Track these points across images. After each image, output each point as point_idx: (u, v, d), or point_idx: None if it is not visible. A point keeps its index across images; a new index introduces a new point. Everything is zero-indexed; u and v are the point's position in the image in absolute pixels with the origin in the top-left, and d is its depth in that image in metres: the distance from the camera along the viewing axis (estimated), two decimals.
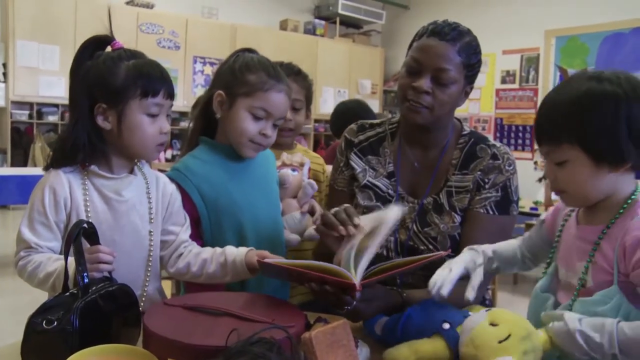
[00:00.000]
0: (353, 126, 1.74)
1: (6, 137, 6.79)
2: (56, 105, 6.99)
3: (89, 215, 1.26)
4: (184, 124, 7.30)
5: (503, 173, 1.52)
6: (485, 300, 1.67)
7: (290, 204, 1.62)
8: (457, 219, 1.51)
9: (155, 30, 7.11)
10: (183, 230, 1.41)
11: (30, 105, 6.91)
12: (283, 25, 8.50)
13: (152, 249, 1.35)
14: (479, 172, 1.53)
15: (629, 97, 1.01)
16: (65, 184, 1.26)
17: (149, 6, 7.23)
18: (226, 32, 7.58)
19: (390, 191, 1.61)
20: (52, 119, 7.05)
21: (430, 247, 1.52)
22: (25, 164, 6.82)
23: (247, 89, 1.46)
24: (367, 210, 1.60)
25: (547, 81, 7.47)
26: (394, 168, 1.63)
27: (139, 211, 1.33)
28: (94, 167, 1.28)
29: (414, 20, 9.09)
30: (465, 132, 1.61)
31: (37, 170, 5.83)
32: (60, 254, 1.25)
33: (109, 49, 1.35)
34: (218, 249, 1.37)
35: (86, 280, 1.05)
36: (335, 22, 8.99)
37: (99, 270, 1.12)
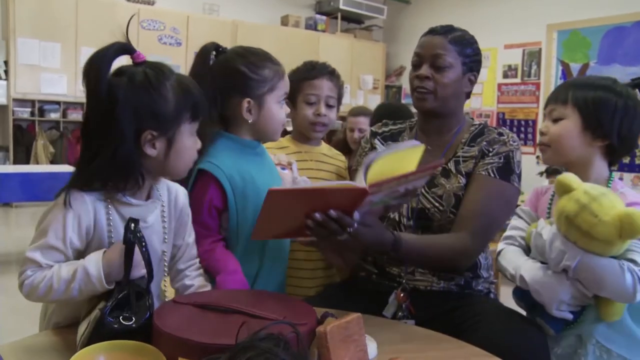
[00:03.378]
0: (379, 124, 1.93)
1: (8, 135, 6.79)
2: (58, 103, 6.99)
3: (112, 241, 1.19)
4: None
5: (507, 145, 1.66)
6: (490, 293, 1.69)
7: None
8: (463, 180, 1.64)
9: (156, 26, 7.10)
10: (191, 244, 1.40)
11: (32, 102, 6.91)
12: (284, 21, 8.48)
13: (165, 268, 1.33)
14: (484, 143, 1.68)
15: (628, 105, 1.35)
16: (91, 211, 1.17)
17: (150, 3, 7.22)
18: (227, 28, 7.57)
19: None
20: (53, 116, 7.05)
21: (436, 204, 1.64)
22: (27, 162, 6.82)
23: (269, 84, 1.52)
24: None
25: (549, 75, 7.45)
26: None
27: (157, 233, 1.29)
28: (120, 196, 1.20)
29: (415, 15, 9.07)
30: (475, 123, 1.78)
31: (39, 168, 5.84)
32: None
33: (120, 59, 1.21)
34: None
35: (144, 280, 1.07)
36: (336, 18, 8.96)
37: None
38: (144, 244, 1.08)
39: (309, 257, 1.87)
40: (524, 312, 1.47)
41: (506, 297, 1.75)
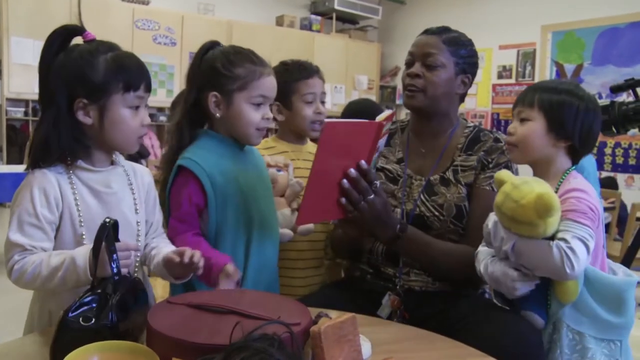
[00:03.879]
0: None
1: (1, 135, 6.76)
2: None
3: (80, 211, 1.25)
4: None
5: (505, 154, 1.66)
6: (484, 293, 1.70)
7: (279, 202, 1.69)
8: (463, 190, 1.64)
9: (151, 26, 7.09)
10: (155, 218, 1.45)
11: (25, 102, 6.88)
12: (279, 21, 8.48)
13: (139, 239, 1.36)
14: (482, 153, 1.68)
15: (588, 108, 1.45)
16: (54, 183, 1.24)
17: (145, 2, 7.21)
18: (222, 28, 7.56)
19: (399, 172, 1.76)
20: None
21: (437, 213, 1.64)
22: (21, 162, 6.79)
23: (241, 82, 1.50)
24: None
25: (544, 76, 7.47)
26: (403, 155, 1.79)
27: (127, 202, 1.34)
28: (80, 162, 1.27)
29: (410, 16, 9.08)
30: (469, 125, 1.78)
31: None
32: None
33: (77, 40, 1.31)
34: (161, 247, 1.39)
35: (116, 277, 1.06)
36: (331, 18, 8.97)
37: (127, 266, 1.14)
38: (113, 248, 1.09)
39: (300, 257, 1.87)
40: None
41: None
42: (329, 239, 1.91)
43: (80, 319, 0.99)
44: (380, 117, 1.41)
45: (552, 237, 1.33)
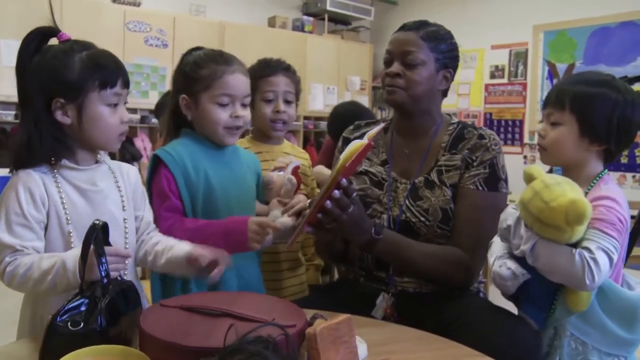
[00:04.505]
0: (350, 127, 1.87)
1: None
2: None
3: (67, 209, 1.25)
4: None
5: (489, 151, 1.61)
6: (479, 292, 1.69)
7: (273, 203, 1.68)
8: (448, 192, 1.60)
9: (142, 28, 7.04)
10: (146, 214, 1.44)
11: (15, 105, 6.82)
12: (271, 22, 8.45)
13: (127, 236, 1.35)
14: (466, 151, 1.63)
15: (627, 102, 1.35)
16: (39, 182, 1.23)
17: (136, 4, 7.17)
18: (214, 29, 7.52)
19: (383, 175, 1.71)
20: None
21: (422, 219, 1.60)
22: None
23: (204, 83, 1.53)
24: (361, 192, 1.69)
25: (536, 76, 7.48)
26: (387, 156, 1.73)
27: (113, 200, 1.34)
28: (64, 161, 1.27)
29: (402, 17, 9.07)
30: (453, 122, 1.72)
31: None
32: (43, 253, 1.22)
33: (53, 41, 1.32)
34: (170, 243, 1.38)
35: (104, 280, 1.05)
36: (323, 19, 8.94)
37: (118, 270, 1.13)
38: (101, 251, 1.07)
39: (274, 259, 1.85)
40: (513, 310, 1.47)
41: (494, 296, 1.74)
42: (305, 242, 1.90)
43: (69, 323, 0.98)
44: (370, 134, 1.37)
45: (575, 244, 1.27)
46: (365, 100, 8.70)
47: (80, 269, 1.08)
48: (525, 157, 7.54)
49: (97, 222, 1.07)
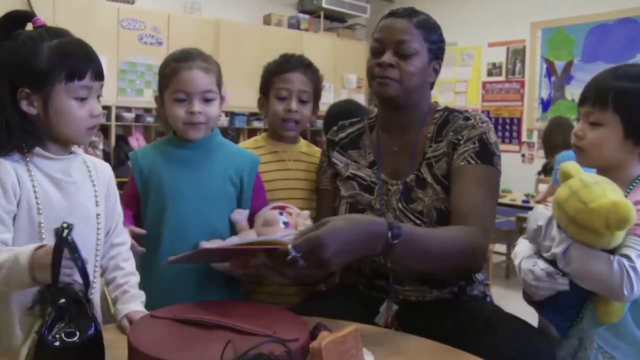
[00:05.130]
0: (334, 127, 1.76)
1: None
2: None
3: (39, 200, 1.19)
4: None
5: (476, 128, 1.50)
6: (486, 297, 1.62)
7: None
8: (440, 190, 1.49)
9: (136, 26, 6.96)
10: (117, 215, 1.40)
11: None
12: (267, 20, 8.37)
13: (99, 232, 1.30)
14: (451, 133, 1.52)
15: None
16: (11, 171, 1.18)
17: (130, 2, 7.08)
18: (209, 27, 7.44)
19: (372, 179, 1.60)
20: None
21: (418, 222, 1.49)
22: None
23: (165, 81, 1.57)
24: (352, 199, 1.60)
25: (534, 73, 7.43)
26: (375, 157, 1.63)
27: (87, 194, 1.29)
28: (38, 150, 1.21)
29: None
30: (439, 108, 1.61)
31: None
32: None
33: (29, 27, 1.25)
34: (123, 281, 1.37)
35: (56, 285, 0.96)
36: (319, 17, 8.87)
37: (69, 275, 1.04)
38: (76, 252, 0.98)
39: None
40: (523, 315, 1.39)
41: (496, 298, 1.67)
42: None
43: (63, 334, 0.88)
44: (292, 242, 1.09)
45: (612, 250, 1.18)
46: (361, 99, 8.64)
47: (54, 272, 0.98)
48: (523, 155, 7.49)
49: (65, 224, 0.99)
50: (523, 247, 1.36)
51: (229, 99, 7.58)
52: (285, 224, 1.53)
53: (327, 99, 8.49)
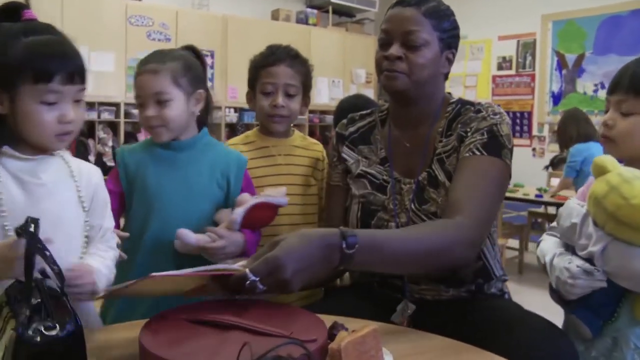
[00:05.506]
0: (344, 121, 1.67)
1: None
2: None
3: (3, 199, 1.12)
4: None
5: (487, 119, 1.42)
6: (504, 294, 1.57)
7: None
8: None
9: (144, 22, 6.94)
10: (105, 223, 1.30)
11: None
12: (275, 15, 8.34)
13: (75, 241, 1.21)
14: (459, 126, 1.45)
15: None
16: None
17: None
18: (217, 23, 7.42)
19: (384, 177, 1.53)
20: None
21: None
22: None
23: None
24: (363, 199, 1.54)
25: (545, 66, 7.35)
26: (387, 153, 1.55)
27: (62, 196, 1.19)
28: (6, 148, 1.14)
29: None
30: (452, 101, 1.53)
31: None
32: None
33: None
34: None
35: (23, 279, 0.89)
36: (327, 11, 8.83)
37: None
38: (39, 245, 0.91)
39: None
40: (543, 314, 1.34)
41: (511, 294, 1.62)
42: None
43: (42, 328, 0.82)
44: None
45: None
46: (371, 93, 8.60)
47: (27, 268, 0.90)
48: (534, 149, 7.42)
49: (30, 219, 0.91)
50: (550, 243, 1.31)
51: (238, 95, 7.54)
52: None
53: (337, 95, 8.45)
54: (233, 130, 7.78)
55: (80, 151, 7.05)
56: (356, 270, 1.26)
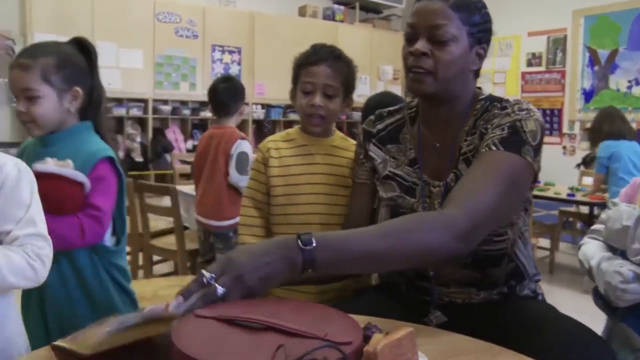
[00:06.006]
0: (371, 117, 1.62)
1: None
2: None
3: None
4: (204, 114, 7.17)
5: (510, 115, 1.34)
6: (538, 295, 1.52)
7: None
8: None
9: (172, 19, 6.98)
10: (17, 230, 1.16)
11: None
12: (302, 12, 8.33)
13: None
14: (482, 122, 1.38)
15: None
16: None
17: None
18: (244, 19, 7.43)
19: (414, 179, 1.47)
20: None
21: None
22: None
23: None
24: (392, 202, 1.48)
25: (576, 63, 7.21)
26: (416, 154, 1.49)
27: None
28: None
29: None
30: (481, 97, 1.45)
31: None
32: None
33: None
34: None
35: None
36: (354, 7, 8.79)
37: None
38: None
39: None
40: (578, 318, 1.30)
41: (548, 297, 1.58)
42: None
43: None
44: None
45: None
46: (398, 90, 8.54)
47: None
48: (564, 147, 7.29)
49: None
50: (593, 247, 1.27)
51: (265, 91, 7.53)
52: None
53: (363, 91, 8.41)
54: (260, 126, 7.79)
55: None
56: (324, 273, 1.15)
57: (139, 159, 6.88)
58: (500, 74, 8.07)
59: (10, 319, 1.23)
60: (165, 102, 7.01)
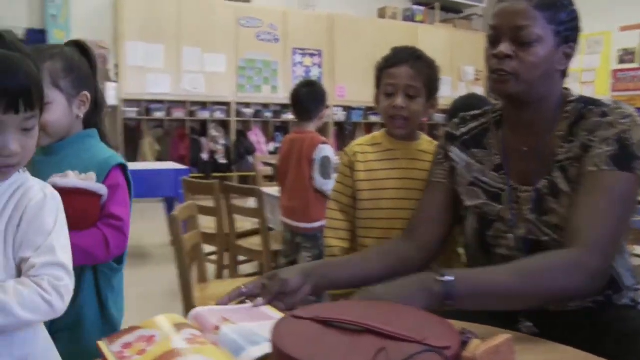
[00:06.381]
0: (455, 120, 1.58)
1: (119, 134, 7.09)
2: (162, 102, 7.22)
3: None
4: (286, 117, 7.29)
5: (615, 126, 1.27)
6: (637, 305, 1.45)
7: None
8: None
9: (254, 24, 7.15)
10: (36, 258, 1.05)
11: (138, 102, 7.17)
12: (381, 13, 8.32)
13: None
14: (584, 133, 1.30)
15: None
16: None
17: (248, 0, 7.29)
18: (324, 22, 7.51)
19: (500, 185, 1.42)
20: (158, 115, 7.29)
21: (555, 236, 1.30)
22: (135, 159, 7.09)
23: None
24: (478, 210, 1.44)
25: None
26: (501, 159, 1.45)
27: None
28: None
29: None
30: (571, 99, 1.38)
31: (146, 165, 6.00)
32: None
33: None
34: None
35: None
36: (434, 8, 8.70)
37: None
38: None
39: None
40: None
41: None
42: None
43: None
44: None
45: None
46: (480, 91, 8.37)
47: None
48: None
49: None
50: None
51: (346, 94, 7.57)
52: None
53: (445, 92, 8.28)
54: (341, 128, 7.84)
55: (194, 149, 7.40)
56: (461, 307, 1.19)
57: (222, 160, 7.09)
58: (589, 73, 7.75)
59: (39, 336, 1.15)
60: (247, 105, 7.19)
